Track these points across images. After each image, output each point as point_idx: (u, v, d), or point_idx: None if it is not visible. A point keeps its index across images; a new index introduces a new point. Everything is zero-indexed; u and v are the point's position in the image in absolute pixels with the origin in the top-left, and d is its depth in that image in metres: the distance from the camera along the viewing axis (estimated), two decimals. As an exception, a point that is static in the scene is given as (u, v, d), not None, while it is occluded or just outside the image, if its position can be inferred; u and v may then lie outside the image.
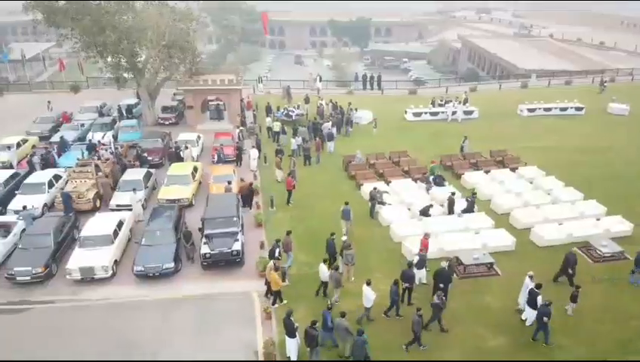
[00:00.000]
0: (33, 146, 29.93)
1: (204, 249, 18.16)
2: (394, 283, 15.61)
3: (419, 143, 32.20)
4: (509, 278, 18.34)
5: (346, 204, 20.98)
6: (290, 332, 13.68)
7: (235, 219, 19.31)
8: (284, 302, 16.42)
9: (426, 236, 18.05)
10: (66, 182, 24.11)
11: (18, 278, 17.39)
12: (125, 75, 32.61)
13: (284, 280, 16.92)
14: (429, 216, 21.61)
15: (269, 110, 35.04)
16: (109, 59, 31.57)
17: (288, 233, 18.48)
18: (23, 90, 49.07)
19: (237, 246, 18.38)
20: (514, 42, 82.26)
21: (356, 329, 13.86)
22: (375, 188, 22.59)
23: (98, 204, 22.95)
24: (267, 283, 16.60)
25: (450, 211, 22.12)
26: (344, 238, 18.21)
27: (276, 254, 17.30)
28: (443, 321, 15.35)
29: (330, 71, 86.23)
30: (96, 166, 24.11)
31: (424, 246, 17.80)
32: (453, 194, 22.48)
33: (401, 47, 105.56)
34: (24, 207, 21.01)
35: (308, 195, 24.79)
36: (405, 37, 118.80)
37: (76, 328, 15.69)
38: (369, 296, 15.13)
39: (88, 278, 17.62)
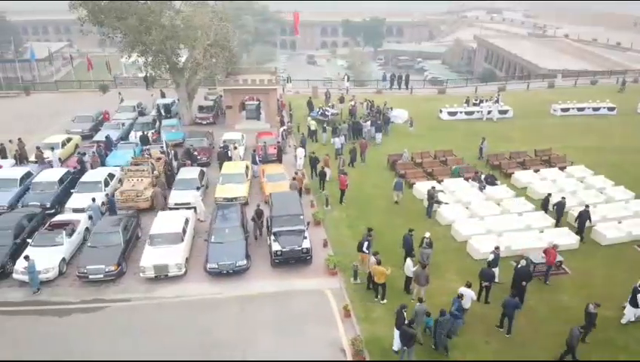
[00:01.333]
0: (76, 145, 29.99)
1: (275, 246, 18.13)
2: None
3: (458, 142, 32.14)
4: (579, 276, 18.38)
5: (399, 176, 24.68)
6: (399, 325, 13.68)
7: (301, 216, 19.31)
8: (385, 301, 16.42)
9: (555, 247, 17.74)
10: (120, 180, 24.19)
11: (90, 276, 17.39)
12: (166, 75, 32.59)
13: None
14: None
15: (310, 106, 35.21)
16: (149, 58, 31.51)
17: (369, 230, 18.40)
18: (48, 89, 49.16)
19: (306, 243, 18.39)
20: (531, 42, 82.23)
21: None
22: (433, 187, 22.55)
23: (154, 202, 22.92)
24: (370, 278, 16.68)
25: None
26: (427, 235, 18.13)
27: (364, 248, 17.26)
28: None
29: (346, 70, 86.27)
30: (151, 164, 24.14)
31: (552, 256, 17.49)
32: (563, 198, 21.62)
33: (413, 46, 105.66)
34: (93, 200, 21.18)
35: (359, 194, 24.77)
36: (417, 37, 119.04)
37: (158, 327, 15.64)
38: (471, 296, 15.11)
39: (162, 276, 17.60)
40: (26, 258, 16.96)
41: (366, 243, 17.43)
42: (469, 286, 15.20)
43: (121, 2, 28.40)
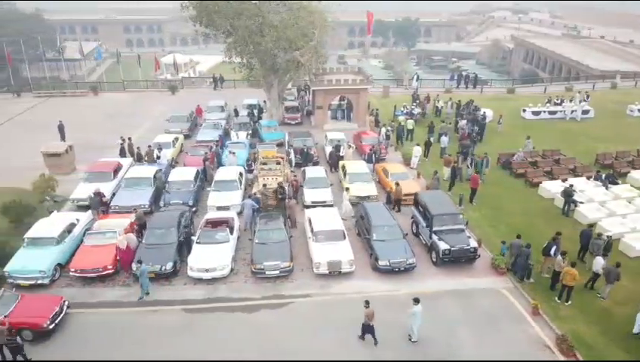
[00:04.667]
0: (181, 145, 30.23)
1: (443, 245, 18.24)
2: None
3: (553, 142, 32.13)
4: None
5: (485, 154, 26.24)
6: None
7: (460, 216, 19.46)
8: (569, 302, 16.56)
9: None
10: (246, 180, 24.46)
11: (267, 273, 17.60)
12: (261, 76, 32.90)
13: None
14: None
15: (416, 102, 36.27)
16: (245, 59, 31.73)
17: (558, 234, 18.40)
18: (115, 89, 49.42)
19: (472, 242, 18.53)
20: (570, 43, 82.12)
21: None
22: (571, 185, 22.66)
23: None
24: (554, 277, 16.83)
25: None
26: (609, 234, 18.26)
27: (551, 251, 17.37)
28: None
29: (382, 70, 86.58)
30: (278, 163, 24.38)
31: None
32: None
33: (445, 46, 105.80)
34: (249, 196, 21.75)
35: (483, 193, 24.74)
36: (444, 37, 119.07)
37: (354, 323, 15.72)
38: None
39: (335, 272, 17.78)
40: (139, 262, 16.99)
41: (554, 248, 17.44)
42: None
43: (232, 2, 28.51)
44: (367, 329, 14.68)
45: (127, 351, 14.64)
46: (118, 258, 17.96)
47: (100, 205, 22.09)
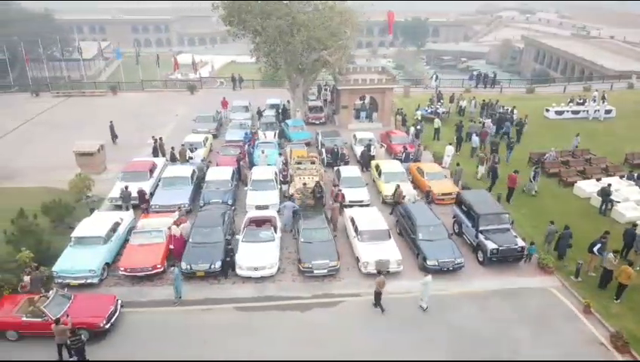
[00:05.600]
0: (211, 144, 30.28)
1: (491, 245, 18.26)
2: None
3: (581, 141, 32.12)
4: None
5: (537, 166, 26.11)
6: None
7: (506, 215, 19.48)
8: (619, 300, 16.61)
9: None
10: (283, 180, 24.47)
11: (316, 271, 17.65)
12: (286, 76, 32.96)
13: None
14: None
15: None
16: (269, 59, 31.81)
17: (607, 232, 18.45)
18: (133, 88, 49.44)
19: (520, 242, 18.56)
20: (581, 43, 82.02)
21: None
22: (609, 185, 22.69)
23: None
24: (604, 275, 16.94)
25: None
26: None
27: (595, 249, 17.39)
28: None
29: (394, 70, 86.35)
30: (312, 163, 24.42)
31: None
32: None
33: (454, 46, 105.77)
34: (288, 198, 21.88)
35: (519, 194, 24.72)
36: (452, 37, 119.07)
37: (408, 322, 15.88)
38: None
39: (383, 272, 17.76)
40: (172, 265, 17.17)
41: (599, 246, 17.48)
42: None
43: (262, 2, 28.54)
44: (377, 296, 16.07)
45: (186, 350, 14.69)
46: (171, 246, 18.26)
47: (130, 199, 22.21)
